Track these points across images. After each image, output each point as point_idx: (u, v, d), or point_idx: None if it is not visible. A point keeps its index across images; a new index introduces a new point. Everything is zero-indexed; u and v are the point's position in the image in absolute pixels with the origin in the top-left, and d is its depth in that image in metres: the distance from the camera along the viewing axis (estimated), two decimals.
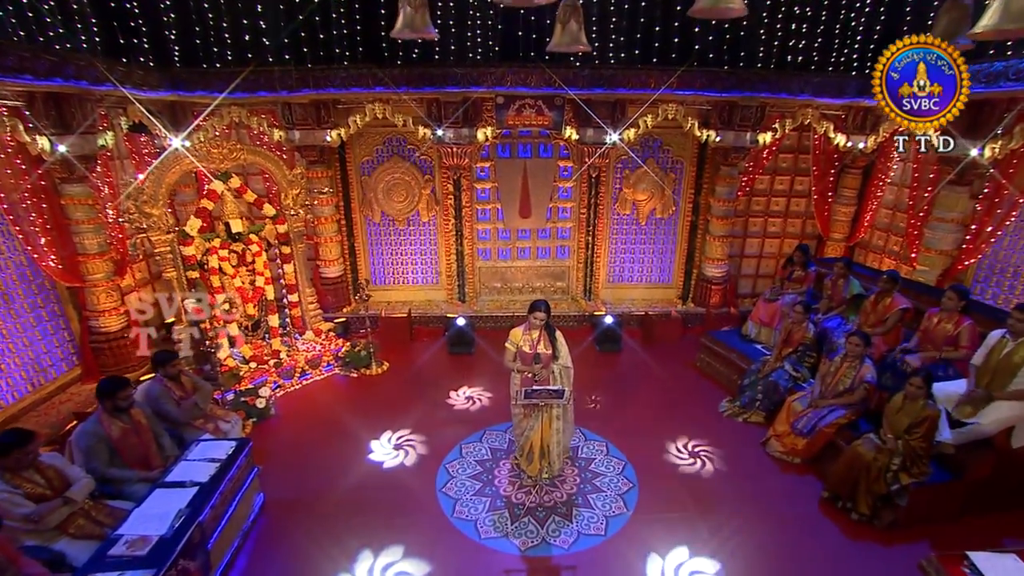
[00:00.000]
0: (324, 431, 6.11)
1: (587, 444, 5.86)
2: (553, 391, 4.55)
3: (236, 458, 4.54)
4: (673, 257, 9.32)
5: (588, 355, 8.01)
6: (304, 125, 7.89)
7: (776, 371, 6.25)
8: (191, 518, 3.80)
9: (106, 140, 6.31)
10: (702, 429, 6.14)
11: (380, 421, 6.21)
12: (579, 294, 9.38)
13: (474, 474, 5.36)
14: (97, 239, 6.36)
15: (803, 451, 5.47)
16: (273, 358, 7.22)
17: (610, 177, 8.86)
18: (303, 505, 4.99)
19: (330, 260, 8.82)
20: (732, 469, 5.51)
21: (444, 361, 7.89)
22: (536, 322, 4.83)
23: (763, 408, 6.24)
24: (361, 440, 5.87)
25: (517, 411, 5.13)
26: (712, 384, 7.23)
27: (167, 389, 4.92)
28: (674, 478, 5.38)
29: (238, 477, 4.53)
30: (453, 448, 5.75)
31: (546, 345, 4.94)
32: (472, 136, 8.08)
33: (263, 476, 5.20)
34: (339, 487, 5.20)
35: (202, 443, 4.73)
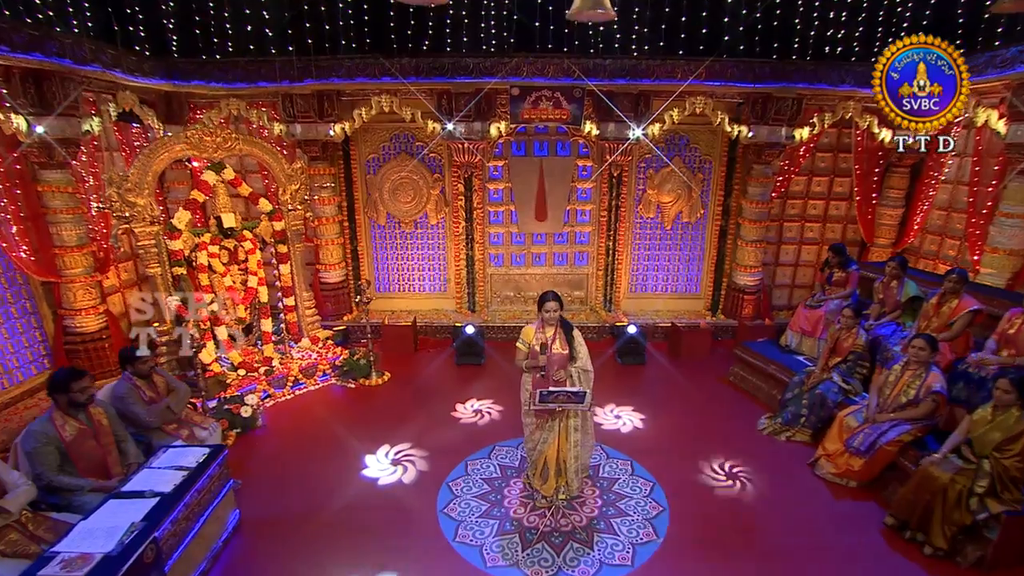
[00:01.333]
0: (315, 444, 5.65)
1: (609, 462, 5.29)
2: (572, 394, 4.03)
3: (207, 467, 4.05)
4: (701, 265, 8.80)
5: (609, 368, 7.49)
6: (306, 118, 7.60)
7: (823, 383, 5.65)
8: (145, 533, 3.31)
9: (91, 126, 6.02)
10: (739, 448, 5.55)
11: (377, 434, 5.73)
12: (599, 304, 8.87)
13: (480, 493, 4.82)
14: (76, 231, 6.02)
15: (860, 472, 4.85)
16: (264, 365, 6.78)
17: (633, 177, 8.42)
18: (285, 525, 4.48)
19: (331, 264, 8.43)
20: (777, 493, 4.89)
21: (451, 372, 7.41)
22: (549, 317, 4.34)
23: (809, 425, 5.63)
24: (355, 455, 5.39)
25: (529, 421, 4.62)
26: (748, 399, 6.64)
27: (135, 389, 4.48)
28: (710, 502, 4.79)
29: (209, 489, 4.04)
30: (458, 465, 5.22)
31: (562, 344, 4.45)
32: (485, 131, 7.73)
33: (242, 492, 4.78)
34: (327, 505, 4.70)
35: (171, 449, 4.26)
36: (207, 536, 4.00)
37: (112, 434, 4.06)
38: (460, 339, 7.58)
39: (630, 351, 7.64)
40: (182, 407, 4.78)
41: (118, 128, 7.02)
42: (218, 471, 4.19)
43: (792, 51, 7.48)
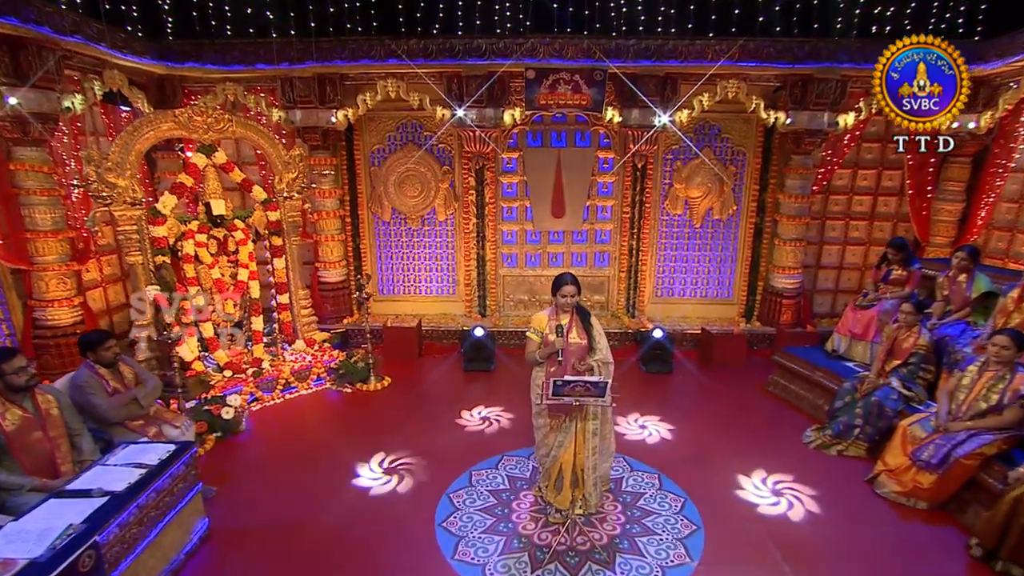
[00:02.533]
0: (302, 451, 5.25)
1: (633, 475, 4.79)
2: (591, 384, 3.57)
3: (170, 465, 3.65)
4: (734, 266, 8.31)
5: (633, 376, 7.02)
6: (306, 103, 7.35)
7: (880, 389, 5.10)
8: (83, 537, 2.89)
9: (73, 103, 5.80)
10: (784, 462, 5.02)
11: (373, 442, 5.33)
12: (621, 310, 8.41)
13: (486, 506, 4.34)
14: (51, 215, 5.76)
15: (931, 491, 4.28)
16: (253, 367, 6.40)
17: (658, 170, 8.02)
18: (261, 537, 4.05)
19: (331, 262, 8.10)
20: (831, 513, 4.34)
21: (458, 378, 7.01)
22: (565, 302, 3.93)
23: (865, 437, 5.07)
24: (346, 463, 4.97)
25: (541, 422, 4.16)
26: (791, 410, 6.10)
27: (97, 378, 4.11)
28: (753, 521, 4.25)
29: (171, 490, 3.63)
30: (461, 475, 4.77)
31: (579, 333, 4.01)
32: (498, 118, 7.40)
33: (216, 499, 4.41)
34: (310, 517, 4.27)
35: (132, 446, 3.87)
36: (166, 545, 3.57)
37: (64, 426, 3.69)
38: (468, 342, 7.16)
39: (656, 358, 7.15)
40: (151, 401, 4.40)
41: (105, 111, 6.83)
42: (184, 471, 3.79)
43: (835, 28, 7.06)
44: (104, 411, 4.03)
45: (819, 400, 5.86)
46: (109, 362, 4.21)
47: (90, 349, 4.14)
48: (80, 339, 4.19)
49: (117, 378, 4.26)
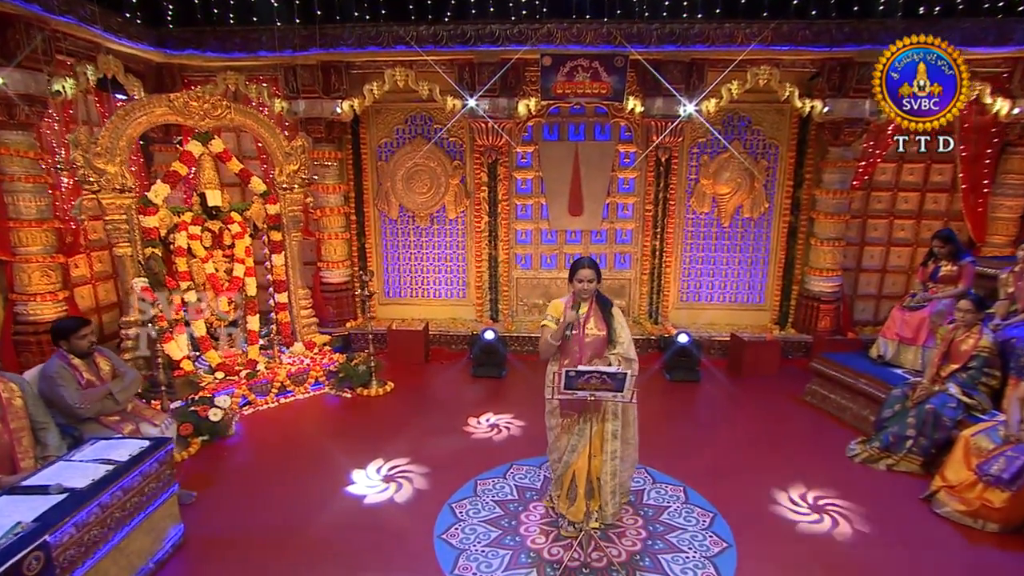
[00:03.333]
0: (294, 456, 5.03)
1: (656, 487, 4.47)
2: (608, 376, 3.28)
3: (142, 462, 3.43)
4: (766, 269, 7.97)
5: (656, 384, 6.71)
6: (310, 93, 7.25)
7: (935, 396, 4.73)
8: (32, 537, 2.66)
9: (64, 87, 5.73)
10: (825, 476, 4.66)
11: (371, 448, 5.10)
12: (643, 315, 8.10)
13: (491, 518, 4.05)
14: (36, 203, 5.66)
15: (1003, 511, 3.89)
16: (247, 368, 6.21)
17: (683, 165, 7.76)
18: (242, 546, 3.81)
19: (334, 262, 7.93)
20: (885, 534, 3.97)
21: (466, 384, 6.77)
22: (582, 288, 3.68)
23: (919, 449, 4.68)
24: (340, 469, 4.74)
25: (553, 423, 3.89)
26: (831, 421, 5.74)
27: (70, 369, 3.92)
28: (792, 539, 3.90)
29: (141, 490, 3.41)
30: (465, 484, 4.50)
31: (598, 324, 3.75)
32: (512, 109, 7.23)
33: (195, 506, 4.20)
34: (298, 526, 4.02)
35: (102, 441, 3.67)
36: (133, 552, 3.34)
37: (27, 419, 3.51)
38: (478, 346, 6.90)
39: (681, 365, 6.82)
40: (128, 396, 4.20)
41: (100, 99, 6.77)
42: (157, 469, 3.56)
43: (877, 8, 6.77)
44: (74, 404, 3.83)
45: (864, 410, 5.49)
46: (84, 352, 4.02)
47: (63, 337, 3.96)
48: (53, 326, 4.01)
49: (92, 370, 4.07)
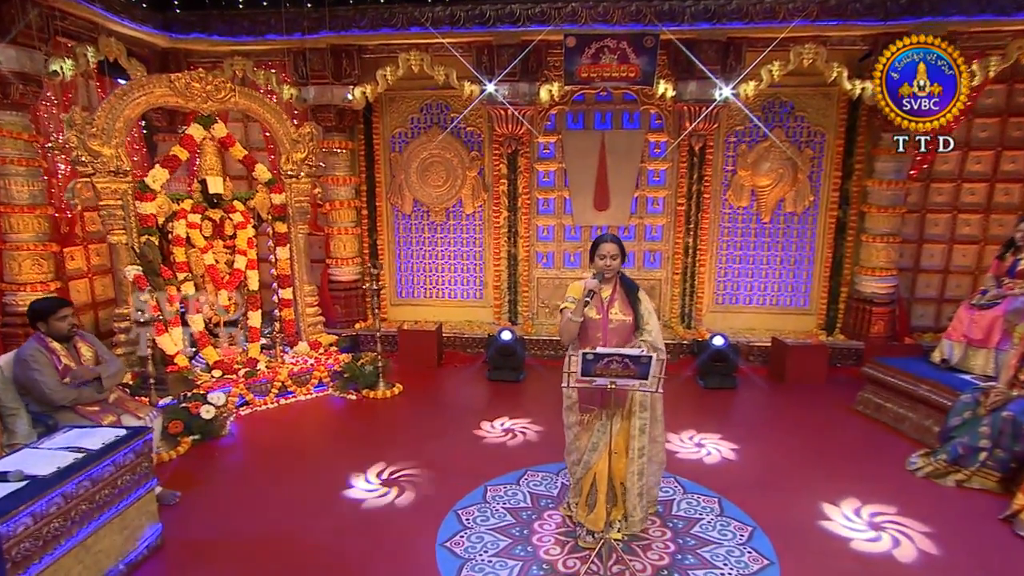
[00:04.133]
0: (290, 458, 4.87)
1: (687, 497, 4.16)
2: (629, 359, 3.02)
3: (116, 451, 3.26)
4: (811, 268, 7.61)
5: (688, 391, 6.42)
6: (320, 79, 7.20)
7: (1014, 403, 4.34)
8: None
9: (62, 68, 5.73)
10: (883, 491, 4.30)
11: (373, 451, 4.91)
12: (675, 319, 7.79)
13: (500, 526, 3.78)
14: (29, 187, 5.66)
15: None
16: (247, 367, 6.06)
17: (719, 155, 7.48)
18: (224, 550, 3.62)
19: (344, 258, 7.82)
20: (956, 557, 3.59)
21: (481, 388, 6.57)
22: (604, 265, 3.45)
23: (995, 463, 4.29)
24: (339, 472, 4.55)
25: (572, 419, 3.65)
26: (887, 432, 5.37)
27: (47, 353, 3.79)
28: (845, 557, 3.56)
29: (113, 482, 3.23)
30: (474, 490, 4.25)
31: (623, 309, 3.50)
32: (533, 94, 7.07)
33: (178, 507, 4.03)
34: (287, 529, 3.82)
35: (76, 429, 3.51)
36: (101, 550, 3.15)
37: None
38: (494, 347, 6.67)
39: (716, 371, 6.49)
40: (111, 385, 4.06)
41: (101, 84, 6.78)
42: (133, 460, 3.39)
43: None
44: (49, 390, 3.69)
45: (926, 420, 5.10)
46: (63, 335, 3.89)
47: (41, 319, 3.84)
48: (30, 306, 3.89)
49: (72, 356, 3.94)
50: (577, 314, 3.42)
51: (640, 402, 3.49)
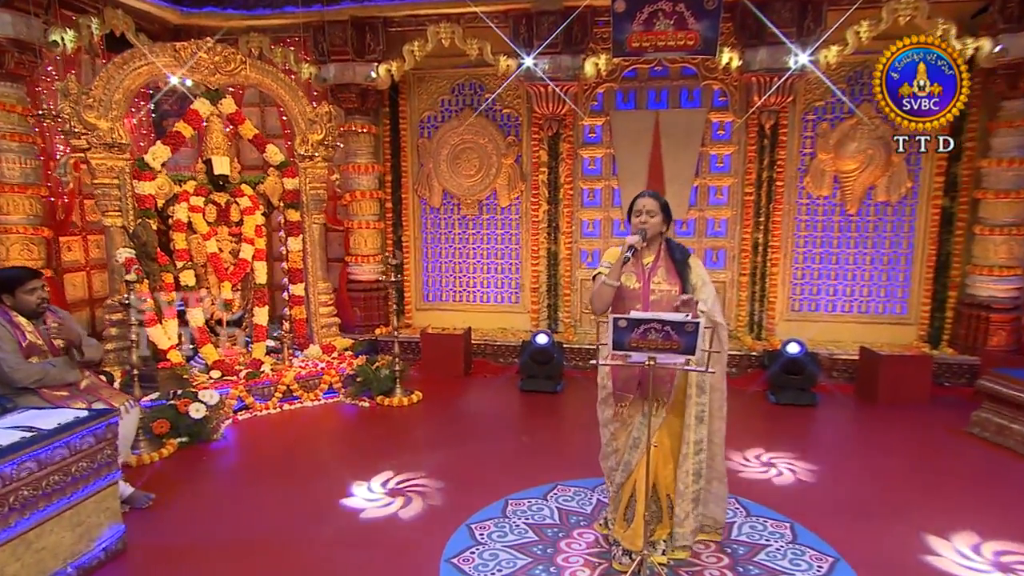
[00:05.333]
0: (286, 464, 4.71)
1: (751, 521, 3.75)
2: (671, 327, 2.67)
3: (72, 432, 3.11)
4: (910, 268, 7.06)
5: (756, 408, 5.99)
6: (341, 56, 7.18)
7: None
8: None
9: (63, 38, 5.86)
10: (1011, 526, 3.78)
11: (380, 459, 4.71)
12: (742, 328, 7.35)
13: (520, 543, 3.46)
14: (21, 165, 5.74)
15: None
16: (250, 368, 5.94)
17: (794, 136, 7.08)
18: (195, 559, 3.42)
19: (365, 255, 7.70)
20: None
21: (511, 398, 6.34)
22: (643, 224, 3.15)
23: None
24: (339, 480, 4.35)
25: (608, 414, 3.36)
26: (1013, 458, 4.80)
27: (10, 328, 3.67)
28: None
29: (67, 468, 3.07)
30: (493, 503, 3.96)
31: (669, 277, 3.20)
32: (576, 68, 6.87)
33: (151, 510, 3.90)
34: (268, 538, 3.61)
35: (33, 410, 3.39)
36: (47, 548, 2.97)
37: None
38: (528, 353, 6.36)
39: (791, 384, 6.02)
40: (92, 356, 3.99)
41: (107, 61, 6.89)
42: (93, 445, 3.23)
43: None
44: (9, 368, 3.57)
45: None
46: (31, 310, 3.80)
47: (7, 290, 3.75)
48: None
49: (41, 334, 3.84)
50: (614, 276, 3.11)
51: (697, 383, 3.15)
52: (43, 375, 3.72)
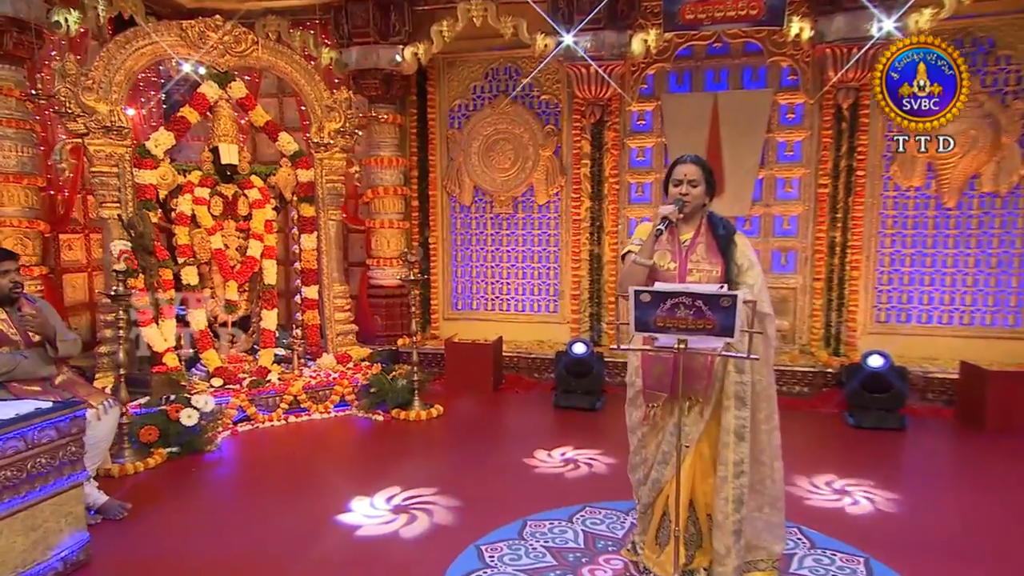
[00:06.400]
0: (283, 478, 4.69)
1: (814, 553, 3.44)
2: (703, 301, 2.44)
3: (29, 423, 3.05)
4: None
5: (831, 430, 5.68)
6: (364, 38, 7.20)
7: None
8: None
9: (67, 19, 6.02)
10: None
11: (387, 474, 4.61)
12: (817, 342, 6.97)
13: (535, 567, 3.26)
14: (18, 153, 5.84)
15: None
16: (255, 376, 5.90)
17: (879, 117, 6.71)
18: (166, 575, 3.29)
19: (388, 258, 7.66)
20: None
21: (544, 414, 6.22)
22: (682, 196, 2.97)
23: None
24: (338, 495, 4.27)
25: (636, 416, 3.15)
26: None
27: None
28: None
29: (21, 465, 2.99)
30: (509, 524, 3.77)
31: (710, 256, 3.01)
32: (623, 46, 6.73)
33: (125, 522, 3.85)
34: (248, 555, 3.51)
35: None
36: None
37: None
38: (564, 363, 6.17)
39: (873, 404, 5.65)
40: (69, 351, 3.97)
41: None
42: (54, 439, 3.17)
43: None
44: None
45: None
46: (3, 296, 3.80)
47: None
48: None
49: (12, 322, 3.83)
50: (645, 253, 2.91)
51: (735, 393, 2.87)
52: (12, 367, 3.71)
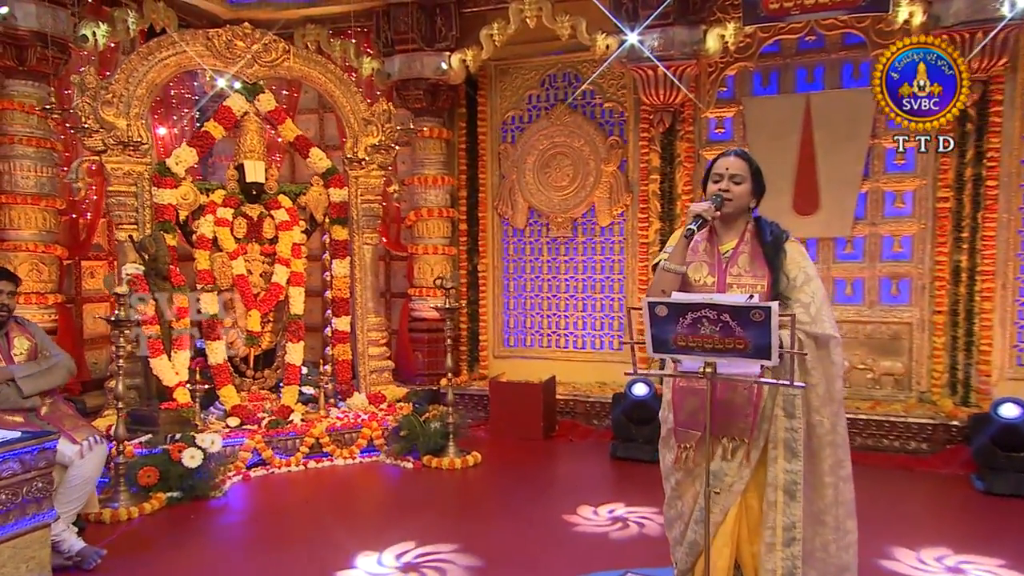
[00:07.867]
0: (289, 528, 4.72)
1: None
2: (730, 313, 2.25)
3: None
4: None
5: (954, 495, 5.39)
6: (407, 45, 7.37)
7: None
8: None
9: (95, 33, 6.37)
10: None
11: (403, 528, 4.60)
12: (939, 388, 6.56)
13: None
14: (37, 174, 6.15)
15: None
16: (276, 416, 5.96)
17: (1014, 116, 6.43)
18: None
19: (431, 288, 7.66)
20: None
21: (597, 466, 6.16)
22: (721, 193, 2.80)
23: None
24: (345, 550, 4.26)
25: (670, 459, 2.93)
26: None
27: None
28: None
29: None
30: None
31: (755, 267, 2.82)
32: (696, 44, 6.67)
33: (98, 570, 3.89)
34: None
35: None
36: None
37: None
38: (621, 408, 6.04)
39: (1008, 466, 5.22)
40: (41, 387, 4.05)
41: None
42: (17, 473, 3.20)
43: None
44: None
45: None
46: None
47: None
48: None
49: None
50: (676, 259, 2.74)
51: (784, 440, 2.64)
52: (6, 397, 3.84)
